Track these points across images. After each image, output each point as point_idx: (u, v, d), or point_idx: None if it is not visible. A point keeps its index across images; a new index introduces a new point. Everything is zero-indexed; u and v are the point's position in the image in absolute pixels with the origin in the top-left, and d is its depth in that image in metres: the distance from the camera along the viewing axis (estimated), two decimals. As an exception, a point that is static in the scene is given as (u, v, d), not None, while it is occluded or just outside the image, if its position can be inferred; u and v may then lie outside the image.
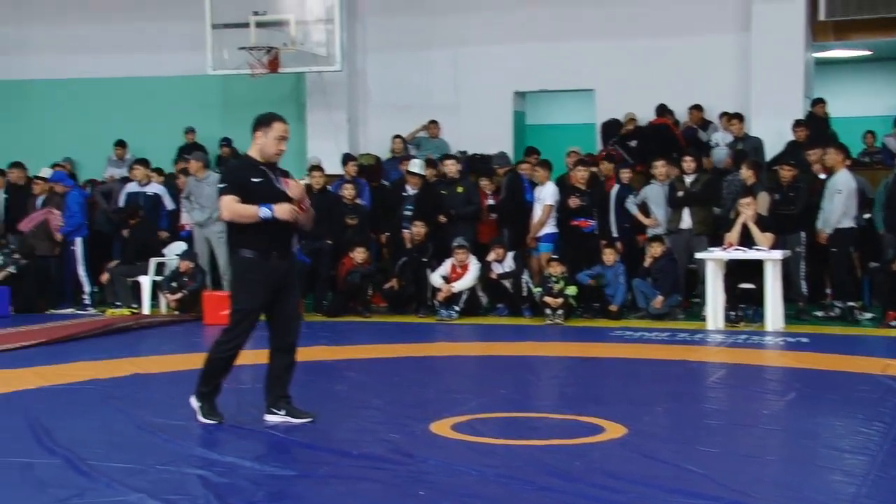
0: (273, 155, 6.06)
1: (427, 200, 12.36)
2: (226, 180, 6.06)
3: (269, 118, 6.09)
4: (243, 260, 6.01)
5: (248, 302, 5.98)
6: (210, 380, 6.13)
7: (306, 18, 13.85)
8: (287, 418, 6.06)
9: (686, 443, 5.54)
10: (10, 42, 16.52)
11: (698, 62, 14.08)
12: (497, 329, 10.85)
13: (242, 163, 6.22)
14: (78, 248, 12.68)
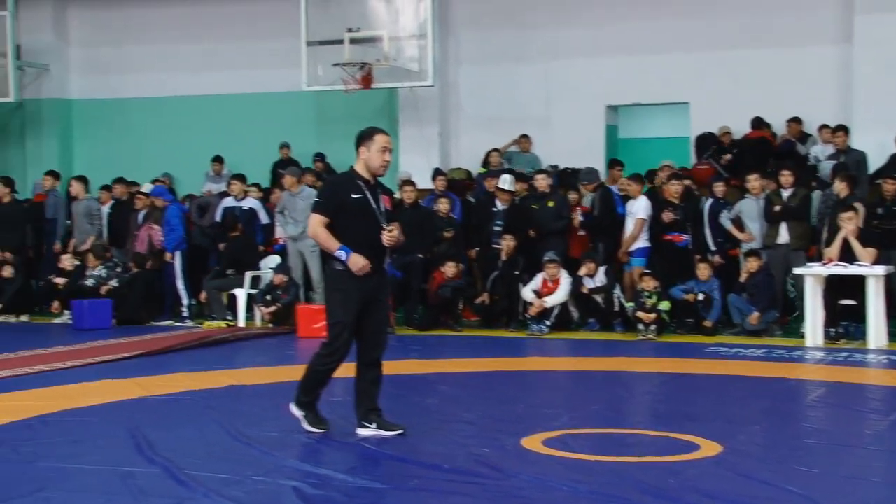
0: (378, 167, 6.10)
1: (517, 215, 12.35)
2: (322, 196, 6.13)
3: (370, 132, 6.13)
4: (336, 273, 6.08)
5: (344, 315, 6.04)
6: (310, 391, 6.21)
7: (399, 34, 13.98)
8: (378, 431, 6.10)
9: (784, 462, 5.41)
10: (112, 62, 17.03)
11: (796, 74, 13.80)
12: (589, 344, 10.76)
13: (344, 177, 6.24)
14: (177, 261, 12.99)
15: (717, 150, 13.70)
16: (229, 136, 16.24)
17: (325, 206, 6.02)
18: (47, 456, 5.63)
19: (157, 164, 16.01)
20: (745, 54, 14.09)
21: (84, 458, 5.60)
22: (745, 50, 14.09)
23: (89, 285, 12.70)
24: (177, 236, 13.00)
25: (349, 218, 5.98)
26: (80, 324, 12.06)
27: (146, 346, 10.30)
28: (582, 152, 14.52)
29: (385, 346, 6.26)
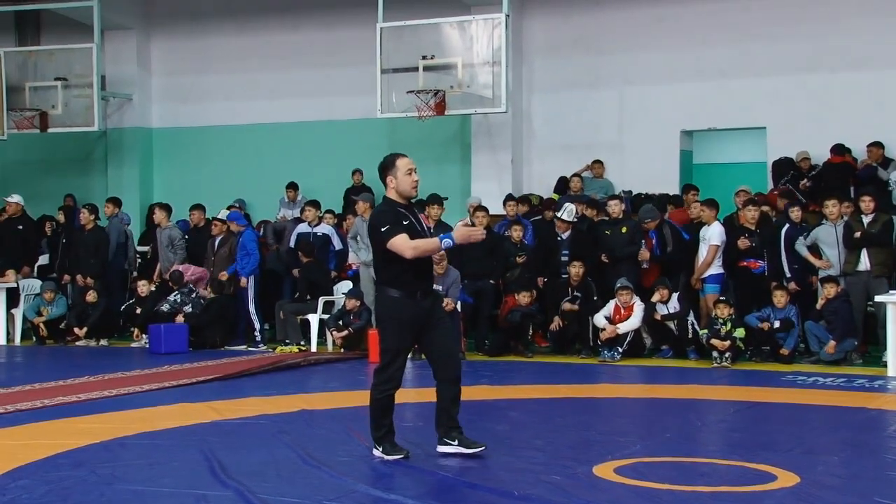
0: (410, 189, 6.17)
1: (585, 241, 12.29)
2: (386, 222, 6.08)
3: (391, 160, 6.22)
4: (389, 299, 6.14)
5: (398, 342, 6.12)
6: (379, 422, 6.23)
7: (473, 61, 14.04)
8: (459, 448, 6.17)
9: (865, 495, 5.27)
10: (191, 91, 17.42)
11: (877, 97, 13.55)
12: (661, 371, 10.63)
13: (390, 207, 6.20)
14: (250, 286, 13.17)
15: (794, 175, 13.49)
16: (304, 163, 16.47)
17: (397, 227, 6.03)
18: (125, 478, 5.74)
19: (233, 190, 16.29)
20: (824, 78, 13.89)
21: (160, 480, 5.68)
22: (823, 73, 13.89)
23: (165, 311, 12.93)
24: (252, 261, 13.18)
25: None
26: (156, 348, 12.29)
27: (220, 370, 10.45)
28: (656, 178, 14.43)
29: (459, 364, 6.31)
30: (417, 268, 6.11)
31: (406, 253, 6.02)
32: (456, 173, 15.68)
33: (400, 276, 6.09)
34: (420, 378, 6.36)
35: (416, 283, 6.12)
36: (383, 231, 6.08)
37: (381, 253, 6.15)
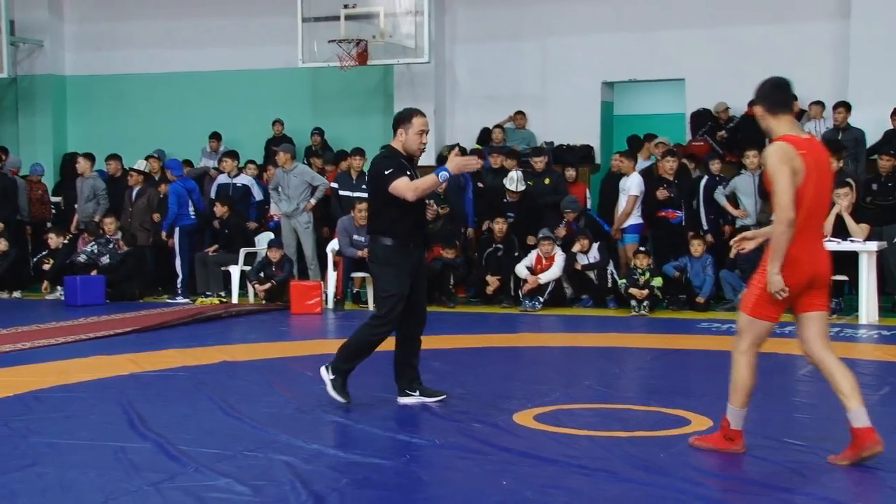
0: (416, 150, 6.28)
1: (531, 205, 12.36)
2: (390, 166, 6.13)
3: (408, 115, 6.30)
4: (386, 247, 6.18)
5: (399, 287, 6.15)
6: (352, 359, 6.28)
7: (395, 10, 13.93)
8: (422, 398, 6.31)
9: (774, 436, 5.44)
10: (106, 38, 16.97)
11: (793, 50, 13.75)
12: (582, 320, 10.79)
13: (395, 157, 6.25)
14: (175, 238, 12.95)
15: (712, 126, 13.69)
16: (224, 113, 16.20)
17: (400, 171, 6.10)
18: (40, 431, 5.65)
19: (151, 140, 15.96)
20: (742, 30, 14.05)
21: (76, 433, 5.61)
22: (741, 26, 14.05)
23: (81, 262, 12.69)
24: (170, 216, 13.00)
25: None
26: (72, 300, 12.07)
27: (139, 322, 10.31)
28: (577, 129, 14.52)
29: (426, 320, 6.41)
30: (412, 218, 6.18)
31: (408, 194, 6.06)
32: (379, 124, 15.57)
33: (393, 225, 6.15)
34: (344, 330, 6.42)
35: (409, 233, 6.19)
36: (387, 174, 6.10)
37: (381, 198, 6.18)
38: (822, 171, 4.95)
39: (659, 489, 4.51)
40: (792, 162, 4.82)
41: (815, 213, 4.98)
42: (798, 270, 4.97)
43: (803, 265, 4.98)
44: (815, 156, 4.93)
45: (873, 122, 12.59)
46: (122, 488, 4.55)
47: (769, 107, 5.01)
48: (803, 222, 4.89)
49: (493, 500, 4.40)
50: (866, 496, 4.48)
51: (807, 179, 4.85)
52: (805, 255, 4.97)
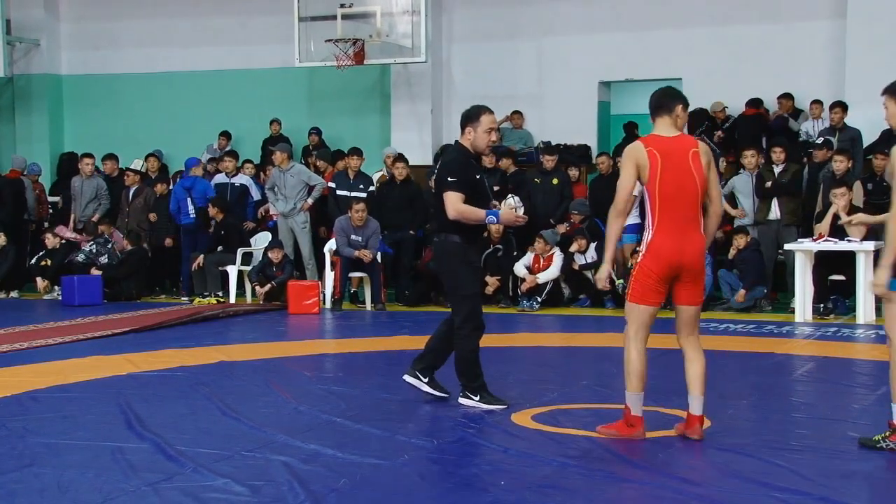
0: (484, 147, 6.33)
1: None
2: (455, 175, 6.09)
3: (476, 112, 6.31)
4: (456, 245, 6.16)
5: (472, 285, 6.25)
6: (474, 373, 6.26)
7: (392, 10, 13.93)
8: (427, 388, 6.37)
9: (772, 437, 5.44)
10: (103, 37, 16.95)
11: (789, 50, 13.78)
12: (579, 320, 10.79)
13: (464, 157, 6.23)
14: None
15: (709, 126, 13.70)
16: (220, 112, 16.19)
17: (461, 184, 6.08)
18: (37, 432, 5.65)
19: (148, 140, 15.95)
20: (738, 30, 14.06)
21: (74, 433, 5.61)
22: (737, 26, 14.07)
23: (80, 261, 12.67)
24: (179, 218, 13.06)
25: (470, 198, 6.09)
26: (69, 300, 12.06)
27: (136, 322, 10.30)
28: (574, 129, 14.53)
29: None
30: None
31: (450, 213, 6.06)
32: (375, 123, 15.58)
33: (466, 226, 6.11)
34: (353, 330, 6.43)
35: (475, 230, 6.25)
36: (449, 181, 6.08)
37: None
38: (676, 165, 5.28)
39: (657, 489, 4.51)
40: (638, 159, 5.28)
41: (673, 204, 5.31)
42: (660, 259, 5.35)
43: (665, 254, 5.34)
44: (666, 150, 5.29)
45: (869, 122, 12.59)
46: (120, 488, 4.55)
47: (650, 112, 5.45)
48: (661, 214, 5.30)
49: (490, 500, 4.40)
50: (864, 496, 4.48)
51: (653, 173, 5.26)
52: (667, 244, 5.33)
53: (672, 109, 5.40)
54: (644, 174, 5.28)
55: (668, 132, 5.40)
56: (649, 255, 5.36)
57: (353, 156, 12.81)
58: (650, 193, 5.30)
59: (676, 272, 5.43)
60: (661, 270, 5.38)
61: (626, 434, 5.36)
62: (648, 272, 5.38)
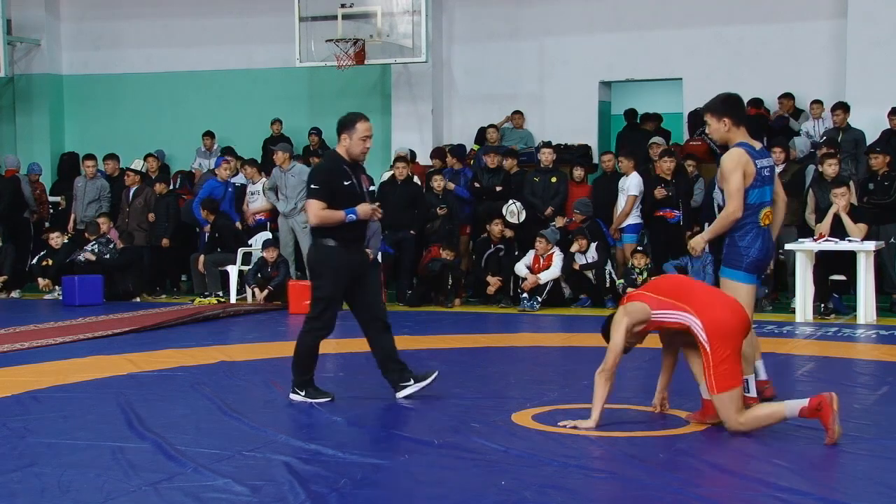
0: (359, 154, 6.35)
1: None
2: (317, 183, 6.26)
3: (352, 120, 6.33)
4: (327, 248, 6.28)
5: (333, 290, 6.28)
6: (307, 367, 6.38)
7: (393, 10, 13.94)
8: (419, 384, 6.42)
9: (774, 437, 5.44)
10: (103, 37, 16.96)
11: (790, 50, 13.78)
12: (580, 320, 10.78)
13: (333, 165, 6.37)
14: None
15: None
16: (221, 112, 16.20)
17: (322, 192, 6.22)
18: (38, 431, 5.65)
19: (149, 140, 15.96)
20: (739, 30, 14.06)
21: (75, 433, 5.61)
22: (738, 25, 14.07)
23: (82, 261, 12.68)
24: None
25: (340, 203, 6.21)
26: (70, 300, 12.06)
27: (137, 322, 10.30)
28: (575, 128, 14.53)
29: (385, 310, 6.53)
30: (355, 225, 6.28)
31: (312, 219, 6.26)
32: (377, 124, 15.42)
33: (337, 231, 6.22)
34: (345, 329, 6.45)
35: (350, 234, 6.27)
36: (311, 188, 6.27)
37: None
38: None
39: (658, 489, 4.51)
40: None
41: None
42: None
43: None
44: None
45: (870, 122, 12.61)
46: (121, 488, 4.55)
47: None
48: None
49: (491, 499, 4.40)
50: (865, 496, 4.48)
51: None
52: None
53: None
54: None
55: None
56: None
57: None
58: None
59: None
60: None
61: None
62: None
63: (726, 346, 5.32)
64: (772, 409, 5.37)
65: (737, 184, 5.82)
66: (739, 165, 5.81)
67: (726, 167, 5.86)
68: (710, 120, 5.96)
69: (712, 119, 5.95)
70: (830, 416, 5.15)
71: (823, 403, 5.16)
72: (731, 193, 5.83)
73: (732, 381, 5.34)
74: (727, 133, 5.95)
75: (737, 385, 5.37)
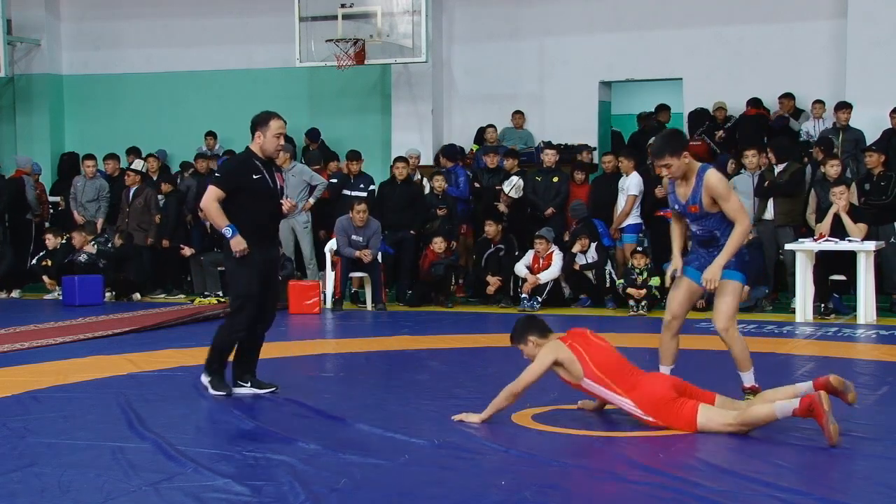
0: (273, 151, 6.50)
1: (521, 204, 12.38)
2: (222, 173, 6.50)
3: (265, 117, 6.49)
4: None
5: (249, 288, 6.41)
6: (221, 359, 6.57)
7: (392, 10, 13.94)
8: (253, 389, 6.55)
9: (774, 437, 5.44)
10: (103, 37, 16.96)
11: (790, 50, 13.79)
12: (580, 320, 10.75)
13: (245, 160, 6.51)
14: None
15: (710, 126, 13.71)
16: (221, 112, 16.20)
17: (223, 181, 6.41)
18: (38, 431, 5.65)
19: (149, 140, 15.96)
20: (739, 30, 14.07)
21: (75, 433, 5.61)
22: (738, 25, 14.07)
23: (83, 262, 12.68)
24: None
25: (249, 196, 6.36)
26: (70, 300, 12.05)
27: (137, 322, 10.31)
28: (575, 128, 14.53)
29: (272, 319, 6.72)
30: (265, 220, 6.45)
31: (203, 202, 6.44)
32: (377, 123, 15.59)
33: (249, 226, 6.36)
34: (345, 330, 6.45)
35: (261, 231, 6.42)
36: (215, 176, 6.50)
37: (228, 197, 6.40)
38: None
39: (657, 489, 4.51)
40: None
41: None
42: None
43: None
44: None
45: (870, 122, 12.61)
46: (121, 488, 4.55)
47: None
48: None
49: (491, 500, 4.40)
50: (865, 496, 4.48)
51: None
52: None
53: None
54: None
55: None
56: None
57: (351, 161, 12.81)
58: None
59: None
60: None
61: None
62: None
63: (661, 410, 5.46)
64: (767, 410, 5.36)
65: (738, 201, 6.03)
66: (729, 184, 6.04)
67: (722, 189, 5.96)
68: (672, 160, 5.95)
69: (673, 159, 5.95)
70: (824, 417, 5.11)
71: (814, 404, 5.13)
72: (738, 210, 5.97)
73: (691, 412, 5.42)
74: (689, 164, 6.02)
75: (697, 407, 5.43)
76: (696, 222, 6.17)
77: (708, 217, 6.05)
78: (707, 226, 6.09)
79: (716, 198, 5.97)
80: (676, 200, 6.22)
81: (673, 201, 6.26)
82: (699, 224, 6.15)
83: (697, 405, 5.46)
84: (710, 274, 6.05)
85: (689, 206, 6.10)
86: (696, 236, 6.27)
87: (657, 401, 5.49)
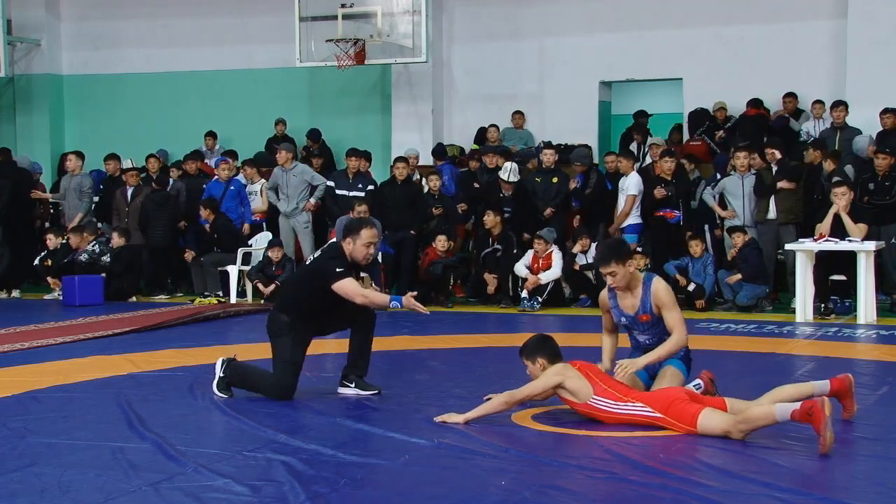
0: (361, 259, 6.48)
1: (522, 196, 12.37)
2: (343, 264, 6.35)
3: (357, 225, 6.49)
4: (283, 323, 6.44)
5: (294, 355, 6.42)
6: (242, 384, 6.57)
7: (393, 10, 13.96)
8: (357, 391, 6.53)
9: (774, 437, 5.43)
10: (103, 37, 16.97)
11: (790, 50, 13.80)
12: (580, 320, 10.78)
13: (341, 256, 6.45)
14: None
15: (710, 126, 13.72)
16: (223, 112, 16.22)
17: (350, 271, 6.39)
18: (38, 431, 5.64)
19: (150, 140, 15.97)
20: (739, 30, 14.08)
21: (75, 433, 5.60)
22: (738, 25, 14.08)
23: (83, 261, 12.67)
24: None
25: (333, 297, 6.32)
26: (70, 300, 12.05)
27: (137, 322, 10.30)
28: (575, 128, 14.53)
29: (373, 317, 6.71)
30: (333, 311, 6.43)
31: (356, 298, 6.31)
32: (377, 123, 15.60)
33: (303, 312, 6.38)
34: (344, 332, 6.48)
35: (309, 316, 6.40)
36: (338, 271, 6.30)
37: (309, 286, 6.40)
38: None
39: (657, 489, 4.50)
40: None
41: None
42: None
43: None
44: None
45: (870, 122, 12.61)
46: (121, 488, 4.54)
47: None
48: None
49: (491, 500, 4.39)
50: (865, 496, 4.48)
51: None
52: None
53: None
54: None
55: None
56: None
57: (351, 157, 12.81)
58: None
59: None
60: None
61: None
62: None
63: (672, 408, 5.45)
64: (765, 411, 5.33)
65: (681, 313, 6.09)
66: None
67: (668, 298, 6.03)
68: (617, 267, 6.00)
69: (619, 266, 6.01)
70: (822, 422, 4.94)
71: (815, 408, 4.98)
72: (679, 322, 6.00)
73: (695, 411, 5.39)
74: (633, 274, 6.08)
75: (703, 408, 5.40)
76: (647, 332, 6.18)
77: (659, 324, 6.09)
78: (658, 333, 6.12)
79: (661, 306, 6.03)
80: (622, 314, 6.21)
81: (618, 315, 6.24)
82: (650, 333, 6.17)
83: (704, 407, 5.44)
84: (628, 362, 5.97)
85: (640, 316, 6.13)
86: (643, 347, 6.22)
87: (671, 399, 5.48)
